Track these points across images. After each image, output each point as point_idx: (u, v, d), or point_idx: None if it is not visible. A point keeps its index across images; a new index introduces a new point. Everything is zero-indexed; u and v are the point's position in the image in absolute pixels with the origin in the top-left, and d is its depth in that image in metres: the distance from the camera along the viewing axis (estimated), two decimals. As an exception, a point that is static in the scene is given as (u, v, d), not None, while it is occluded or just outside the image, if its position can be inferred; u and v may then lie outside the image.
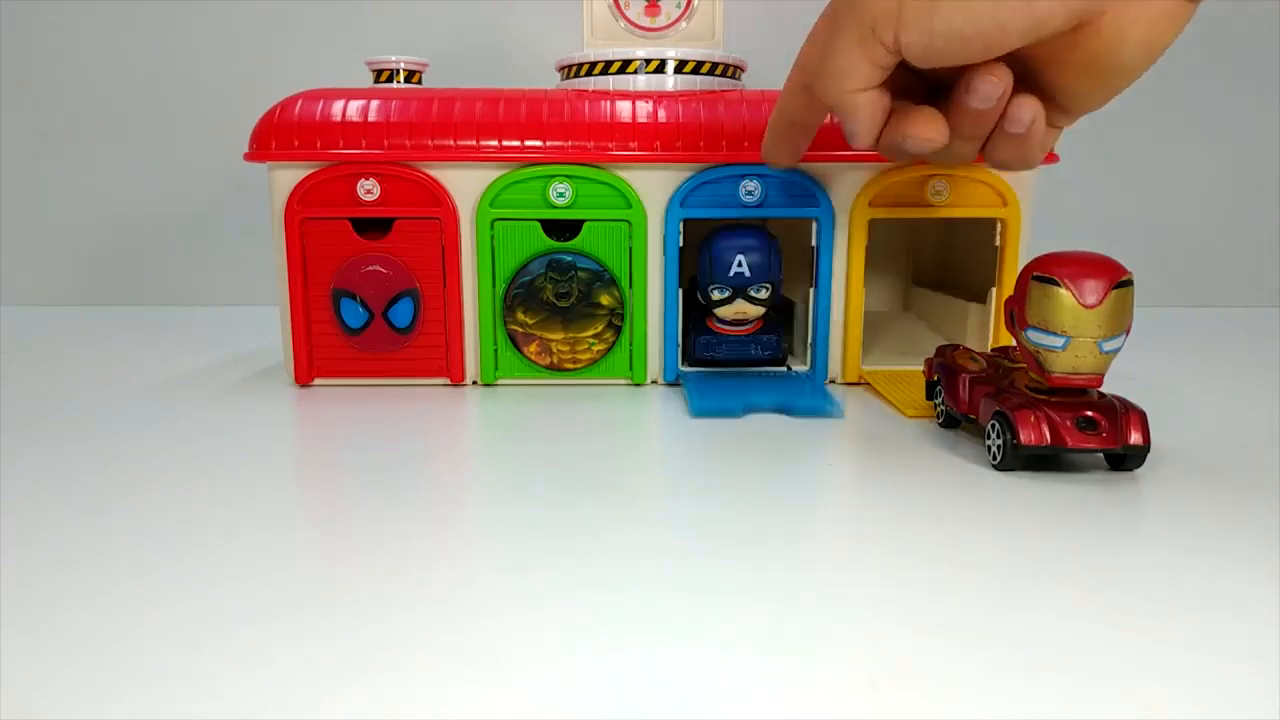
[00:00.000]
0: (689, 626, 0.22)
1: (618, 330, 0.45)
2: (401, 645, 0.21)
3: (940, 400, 0.39)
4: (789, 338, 0.48)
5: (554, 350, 0.45)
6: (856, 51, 0.32)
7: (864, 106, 0.33)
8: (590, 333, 0.45)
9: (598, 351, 0.45)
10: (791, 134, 0.40)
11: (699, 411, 0.41)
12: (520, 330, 0.45)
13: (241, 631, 0.22)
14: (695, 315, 0.47)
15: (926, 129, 0.33)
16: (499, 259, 0.45)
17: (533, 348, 0.45)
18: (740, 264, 0.44)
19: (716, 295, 0.45)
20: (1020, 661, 0.21)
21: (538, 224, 0.44)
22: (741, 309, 0.45)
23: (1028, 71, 0.32)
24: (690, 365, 0.47)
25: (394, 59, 0.47)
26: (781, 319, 0.48)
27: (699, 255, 0.45)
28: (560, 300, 0.44)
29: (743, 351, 0.46)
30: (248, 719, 0.19)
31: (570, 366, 0.46)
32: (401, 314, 0.45)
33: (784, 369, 0.47)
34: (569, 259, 0.44)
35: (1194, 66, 0.73)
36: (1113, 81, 0.32)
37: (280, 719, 0.19)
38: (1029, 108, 0.32)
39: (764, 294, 0.45)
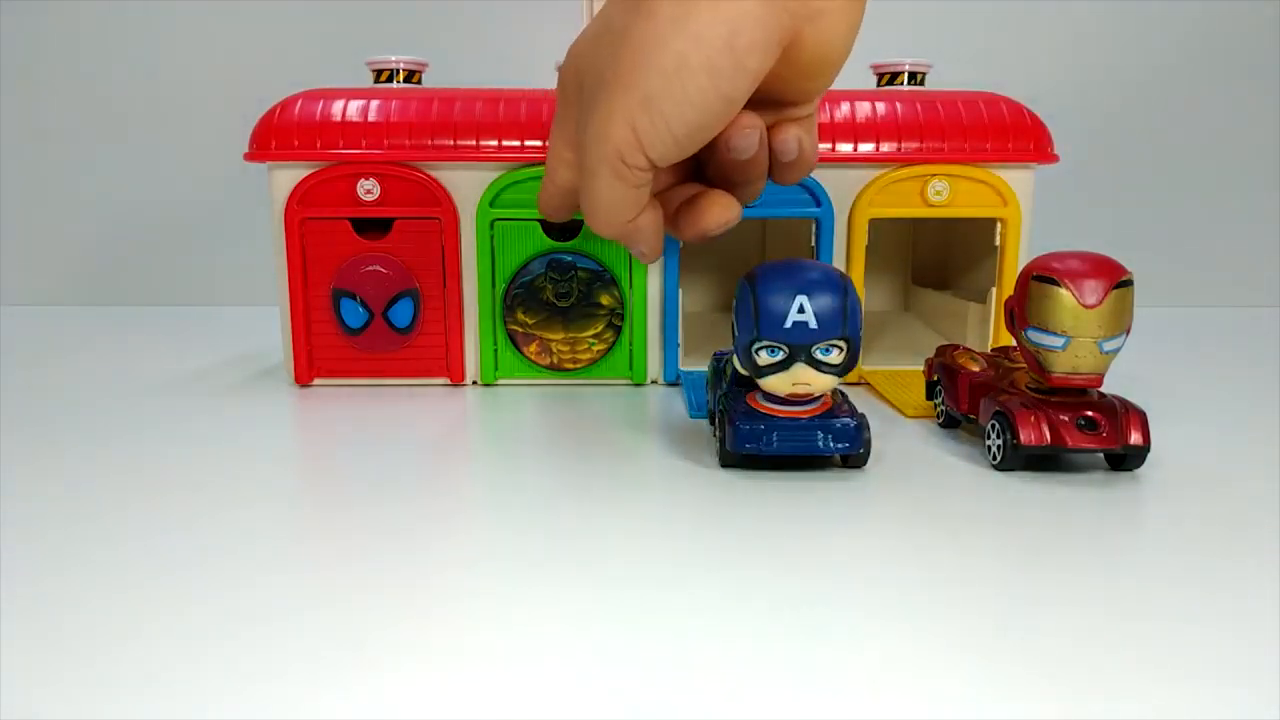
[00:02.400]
0: (688, 626, 0.22)
1: (618, 330, 0.45)
2: (401, 646, 0.21)
3: (940, 400, 0.39)
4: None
5: (554, 350, 0.45)
6: (617, 186, 0.31)
7: (644, 230, 0.33)
8: (590, 333, 0.45)
9: (598, 351, 0.45)
10: (562, 199, 0.37)
11: (699, 412, 0.41)
12: (520, 330, 0.45)
13: (240, 631, 0.22)
14: (731, 390, 0.35)
15: (722, 214, 0.32)
16: (499, 259, 0.45)
17: (533, 348, 0.45)
18: (802, 310, 0.31)
19: (765, 358, 0.32)
20: (1020, 661, 0.21)
21: (538, 224, 0.44)
22: (803, 378, 0.32)
23: (763, 98, 0.32)
24: (729, 464, 0.34)
25: (394, 59, 0.47)
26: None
27: (736, 302, 0.33)
28: (560, 300, 0.44)
29: (805, 442, 0.32)
30: (246, 718, 0.19)
31: (570, 366, 0.46)
32: (401, 314, 0.45)
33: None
34: (569, 259, 0.44)
35: (1194, 66, 0.73)
36: (834, 70, 0.32)
37: (278, 718, 0.19)
38: (791, 136, 0.32)
39: (836, 357, 0.32)
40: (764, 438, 0.32)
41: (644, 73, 0.29)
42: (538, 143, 0.44)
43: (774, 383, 0.32)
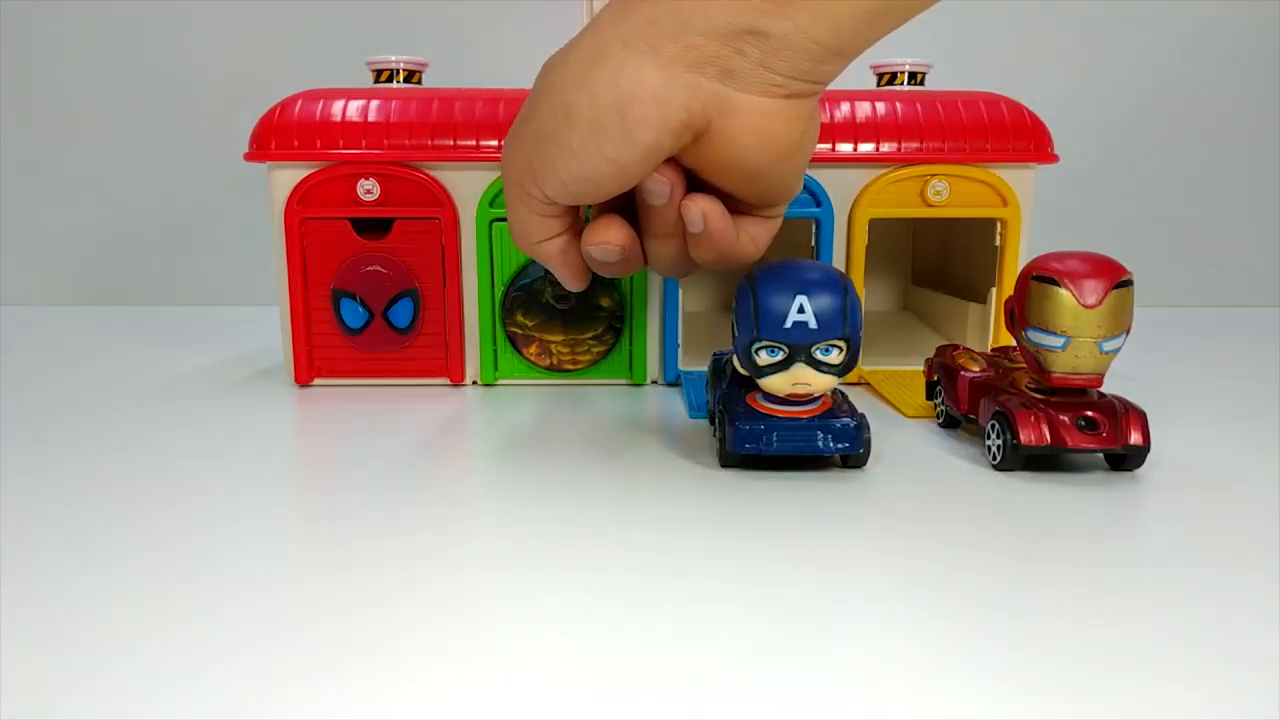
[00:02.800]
0: (688, 626, 0.22)
1: (618, 332, 0.45)
2: (400, 646, 0.21)
3: (940, 400, 0.39)
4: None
5: (554, 351, 0.45)
6: (521, 208, 0.33)
7: (552, 256, 0.34)
8: (590, 334, 0.45)
9: (598, 353, 0.45)
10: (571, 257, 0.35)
11: (699, 412, 0.41)
12: (520, 332, 0.45)
13: (239, 631, 0.22)
14: (731, 390, 0.35)
15: (602, 233, 0.33)
16: (498, 260, 0.45)
17: (532, 349, 0.45)
18: (802, 310, 0.31)
19: (765, 358, 0.32)
20: (1020, 661, 0.21)
21: None
22: (803, 378, 0.32)
23: (719, 192, 0.32)
24: (729, 464, 0.34)
25: (394, 59, 0.47)
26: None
27: (736, 302, 0.33)
28: (559, 303, 0.44)
29: (805, 442, 0.32)
30: (244, 718, 0.19)
31: (570, 367, 0.46)
32: (401, 314, 0.45)
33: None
34: None
35: (1194, 66, 0.73)
36: (764, 182, 0.32)
37: (277, 718, 0.19)
38: (695, 207, 0.32)
39: (836, 357, 0.31)
40: (764, 438, 0.32)
41: (542, 111, 0.30)
42: (538, 143, 0.44)
43: (774, 383, 0.32)
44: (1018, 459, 0.33)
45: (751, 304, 0.32)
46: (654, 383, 0.47)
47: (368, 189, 0.44)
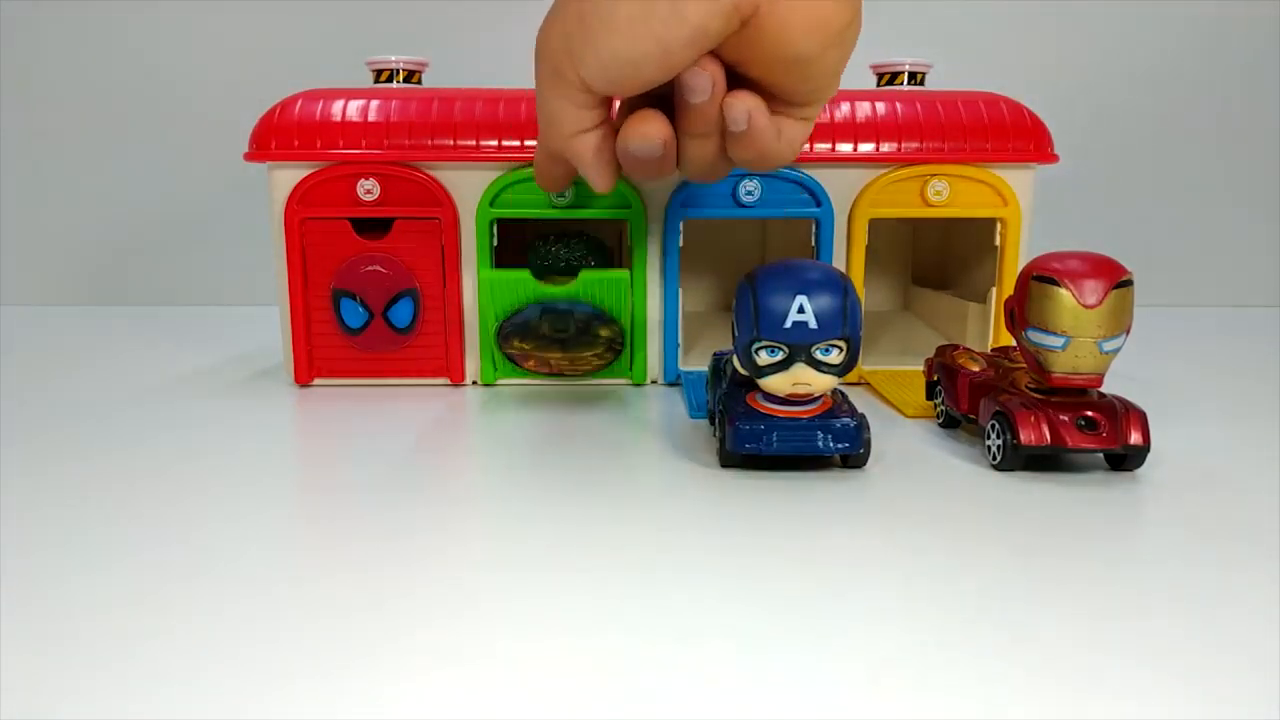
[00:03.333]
0: (688, 625, 0.22)
1: (617, 353, 0.44)
2: (400, 647, 0.21)
3: (940, 400, 0.39)
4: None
5: (553, 364, 0.44)
6: (555, 96, 0.32)
7: (584, 151, 0.33)
8: (590, 353, 0.44)
9: (597, 365, 0.44)
10: (553, 166, 0.37)
11: (699, 412, 0.41)
12: (518, 353, 0.43)
13: (239, 631, 0.22)
14: (731, 390, 0.35)
15: (641, 125, 0.32)
16: (497, 296, 0.43)
17: (530, 364, 0.44)
18: (802, 310, 0.31)
19: (765, 358, 0.32)
20: (1020, 661, 0.21)
21: (528, 274, 0.42)
22: (803, 378, 0.32)
23: (738, 73, 0.32)
24: (729, 464, 0.34)
25: (394, 59, 0.47)
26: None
27: (736, 302, 0.33)
28: (557, 333, 0.43)
29: (805, 442, 0.32)
30: (244, 718, 0.19)
31: (570, 374, 0.45)
32: (401, 314, 0.45)
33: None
34: (564, 307, 0.42)
35: (1194, 66, 0.73)
36: (807, 70, 0.31)
37: (277, 718, 0.19)
38: (739, 104, 0.31)
39: (836, 357, 0.32)
40: (764, 438, 0.32)
41: None
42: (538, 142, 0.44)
43: (774, 383, 0.32)
44: (1018, 459, 0.33)
45: (751, 304, 0.32)
46: (654, 383, 0.47)
47: (368, 189, 0.44)
